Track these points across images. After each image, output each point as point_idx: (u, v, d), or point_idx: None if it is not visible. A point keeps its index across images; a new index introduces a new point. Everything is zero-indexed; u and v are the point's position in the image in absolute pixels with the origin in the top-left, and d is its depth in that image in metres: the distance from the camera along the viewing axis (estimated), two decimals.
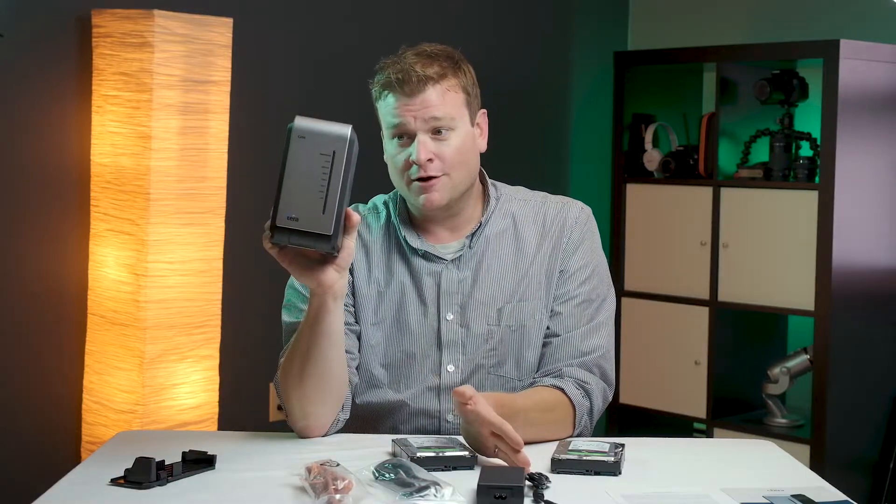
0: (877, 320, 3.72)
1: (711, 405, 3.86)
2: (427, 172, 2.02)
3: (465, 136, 2.05)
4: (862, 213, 3.64)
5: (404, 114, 2.02)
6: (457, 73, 2.06)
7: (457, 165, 2.04)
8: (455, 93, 2.04)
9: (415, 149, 2.01)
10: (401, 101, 2.02)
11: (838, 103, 3.51)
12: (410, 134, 2.03)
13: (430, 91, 2.01)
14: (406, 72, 2.01)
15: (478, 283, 2.09)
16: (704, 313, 3.86)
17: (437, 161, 2.02)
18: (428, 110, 2.01)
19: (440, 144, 2.02)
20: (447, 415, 2.06)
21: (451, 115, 2.03)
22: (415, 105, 2.01)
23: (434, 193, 2.03)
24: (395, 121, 2.03)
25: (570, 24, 4.34)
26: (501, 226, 2.13)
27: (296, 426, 1.99)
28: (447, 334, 2.07)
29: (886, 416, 3.74)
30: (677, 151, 4.00)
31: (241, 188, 3.20)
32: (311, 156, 1.72)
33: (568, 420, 2.02)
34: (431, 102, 2.01)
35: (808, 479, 1.83)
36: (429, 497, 1.61)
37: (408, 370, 2.08)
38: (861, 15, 3.93)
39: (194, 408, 2.94)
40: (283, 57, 3.47)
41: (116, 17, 2.86)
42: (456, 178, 2.05)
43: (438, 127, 2.02)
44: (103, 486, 1.69)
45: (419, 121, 2.01)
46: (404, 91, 2.01)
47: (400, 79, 2.01)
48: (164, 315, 2.86)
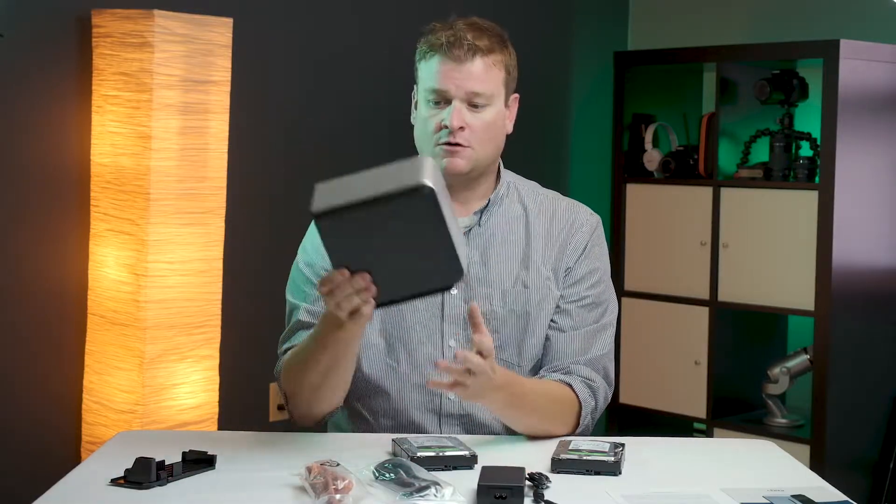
0: (877, 320, 3.72)
1: (711, 405, 3.86)
2: (455, 139, 2.03)
3: (497, 113, 2.07)
4: (862, 213, 3.64)
5: (448, 80, 2.03)
6: (503, 51, 2.08)
7: (485, 140, 2.06)
8: (498, 69, 2.06)
9: (449, 113, 2.02)
10: (446, 66, 2.03)
11: (838, 103, 3.51)
12: (448, 99, 2.04)
13: (477, 62, 2.03)
14: (458, 38, 2.02)
15: (485, 264, 2.09)
16: (704, 313, 3.86)
17: (467, 131, 2.03)
18: (471, 82, 2.02)
19: (474, 116, 2.04)
20: (448, 392, 2.05)
21: (490, 90, 2.05)
22: (460, 73, 2.02)
23: (458, 160, 2.04)
24: (437, 86, 2.04)
25: (570, 24, 4.34)
26: (515, 212, 2.14)
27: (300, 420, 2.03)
28: (450, 308, 2.07)
29: (886, 416, 3.74)
30: (677, 151, 4.00)
31: (241, 188, 3.19)
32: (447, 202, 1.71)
33: (572, 415, 2.03)
34: (476, 74, 2.03)
35: (808, 479, 1.83)
36: (429, 497, 1.61)
37: (407, 340, 2.07)
38: (861, 15, 3.93)
39: (194, 408, 2.94)
40: (283, 57, 3.47)
41: (116, 17, 2.86)
42: (481, 151, 2.06)
43: (476, 100, 2.04)
44: (103, 486, 1.69)
45: (461, 90, 2.02)
46: (452, 56, 2.02)
47: (451, 42, 2.02)
48: (164, 315, 2.86)
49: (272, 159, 3.45)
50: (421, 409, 2.07)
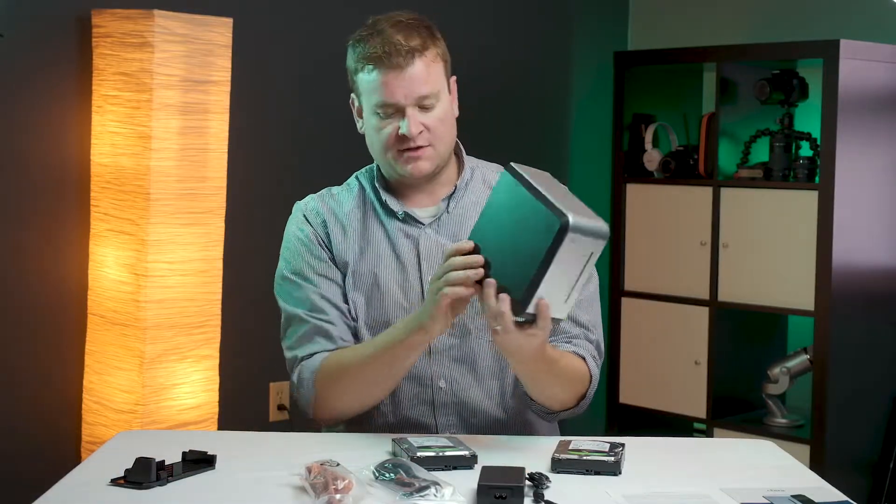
0: (877, 320, 3.72)
1: (711, 405, 3.86)
2: (416, 143, 2.03)
3: (446, 105, 2.07)
4: (862, 213, 3.64)
5: (394, 91, 2.01)
6: (435, 42, 2.06)
7: (442, 135, 2.06)
8: (437, 63, 2.05)
9: (406, 124, 2.01)
10: (388, 77, 2.00)
11: (838, 103, 3.50)
12: (398, 108, 2.02)
13: (417, 64, 2.01)
14: (392, 45, 2.00)
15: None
16: (704, 313, 3.86)
17: (424, 132, 2.03)
18: (417, 86, 2.01)
19: (427, 116, 2.03)
20: (439, 381, 2.06)
21: (437, 88, 2.04)
22: (403, 81, 2.00)
23: (423, 162, 2.04)
24: (385, 99, 2.02)
25: (570, 24, 4.34)
26: (482, 194, 2.13)
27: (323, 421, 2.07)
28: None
29: (886, 416, 3.74)
30: (677, 151, 4.00)
31: (241, 188, 3.19)
32: (575, 255, 1.74)
33: (582, 388, 2.05)
34: (419, 77, 2.01)
35: (808, 479, 1.83)
36: (429, 497, 1.61)
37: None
38: (861, 15, 3.93)
39: (194, 408, 2.94)
40: (283, 57, 3.47)
41: (116, 17, 2.86)
42: (441, 147, 2.06)
43: (426, 102, 2.03)
44: (103, 486, 1.69)
45: (410, 97, 2.01)
46: (391, 65, 2.00)
47: (387, 51, 2.00)
48: (164, 315, 2.86)
49: (272, 159, 3.45)
50: (414, 400, 2.07)
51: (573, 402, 2.05)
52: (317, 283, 2.08)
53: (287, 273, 2.10)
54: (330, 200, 2.14)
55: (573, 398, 2.04)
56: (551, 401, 2.03)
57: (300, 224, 2.12)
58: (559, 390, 2.01)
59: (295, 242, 2.12)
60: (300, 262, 2.10)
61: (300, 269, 2.09)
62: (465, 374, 2.07)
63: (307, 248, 2.10)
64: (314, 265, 2.09)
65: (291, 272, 2.10)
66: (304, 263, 2.09)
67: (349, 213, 2.13)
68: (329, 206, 2.13)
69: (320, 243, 2.10)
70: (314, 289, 2.07)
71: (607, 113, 4.20)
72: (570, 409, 2.05)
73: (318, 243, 2.10)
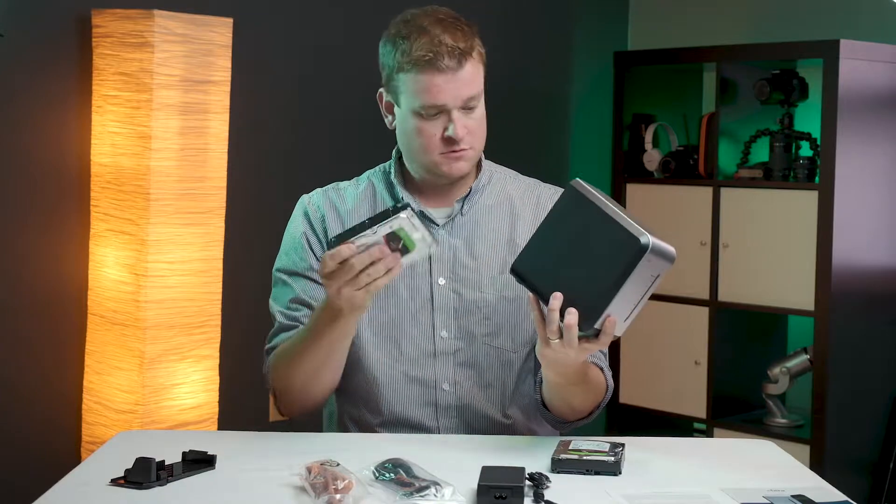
0: (877, 320, 3.72)
1: (711, 405, 3.86)
2: (461, 146, 2.00)
3: (483, 105, 2.04)
4: (862, 213, 3.64)
5: (443, 94, 1.95)
6: (476, 41, 2.02)
7: (481, 136, 2.04)
8: (480, 63, 2.01)
9: (453, 127, 1.96)
10: (438, 79, 1.94)
11: (838, 103, 3.51)
12: (442, 109, 1.98)
13: (467, 67, 1.96)
14: (444, 47, 1.94)
15: (470, 252, 2.08)
16: (704, 313, 3.86)
17: (468, 134, 2.00)
18: (465, 89, 1.96)
19: (469, 117, 2.00)
20: (443, 383, 2.06)
21: (479, 88, 2.01)
22: (452, 84, 1.95)
23: (463, 163, 2.02)
24: (432, 101, 1.96)
25: (570, 24, 4.34)
26: (498, 199, 2.13)
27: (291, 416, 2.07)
28: (439, 299, 2.06)
29: (886, 416, 3.74)
30: (677, 151, 4.00)
31: (241, 188, 3.19)
32: (645, 276, 1.74)
33: (598, 398, 2.04)
34: (467, 80, 1.97)
35: (808, 479, 1.82)
36: (429, 497, 1.61)
37: (398, 333, 2.06)
38: (861, 15, 3.93)
39: (194, 408, 2.94)
40: (283, 57, 3.47)
41: (116, 17, 2.86)
42: (479, 147, 2.05)
43: (471, 103, 1.99)
44: (103, 486, 1.69)
45: (458, 100, 1.97)
46: (440, 68, 1.94)
47: (437, 52, 1.94)
48: (164, 315, 2.86)
49: (272, 159, 3.45)
50: (417, 402, 2.06)
51: (588, 412, 2.04)
52: (299, 283, 2.08)
53: (276, 269, 2.13)
54: (333, 195, 2.14)
55: (589, 408, 2.03)
56: (570, 410, 2.02)
57: (297, 221, 2.13)
58: (581, 400, 2.00)
59: (288, 240, 2.13)
60: (287, 260, 2.11)
61: (286, 266, 2.11)
62: (469, 379, 2.06)
63: (294, 248, 2.11)
64: (299, 265, 2.10)
65: (278, 269, 2.13)
66: (290, 262, 2.10)
67: (353, 208, 2.12)
68: (331, 200, 2.12)
69: (309, 245, 2.10)
70: (293, 288, 2.09)
71: (607, 113, 4.20)
72: (583, 418, 2.04)
73: (306, 245, 2.10)
